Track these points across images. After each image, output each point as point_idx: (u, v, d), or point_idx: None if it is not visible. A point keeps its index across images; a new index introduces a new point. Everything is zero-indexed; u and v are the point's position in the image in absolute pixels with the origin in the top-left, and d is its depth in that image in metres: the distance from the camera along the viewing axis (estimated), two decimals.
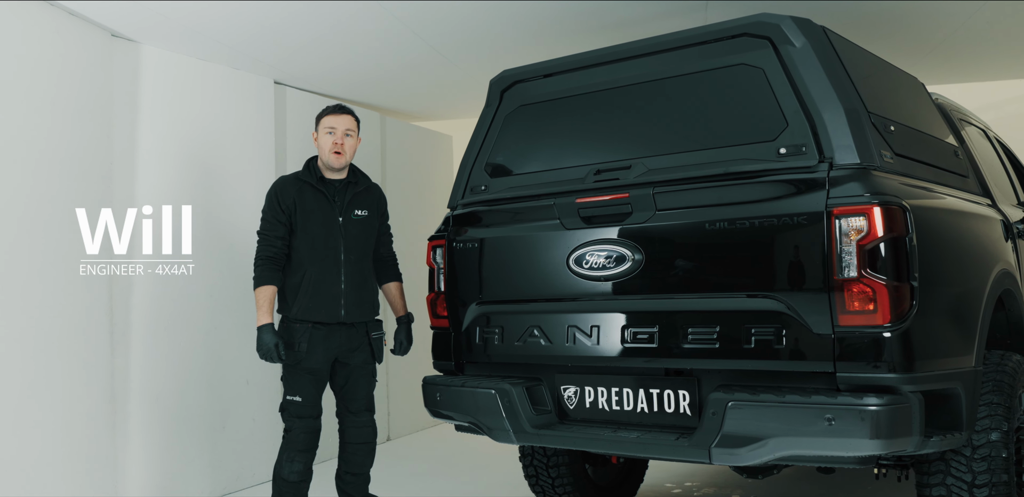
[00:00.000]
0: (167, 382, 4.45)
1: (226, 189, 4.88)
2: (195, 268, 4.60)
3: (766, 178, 2.75)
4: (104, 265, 4.17)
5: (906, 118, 3.12)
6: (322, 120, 3.74)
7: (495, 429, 3.18)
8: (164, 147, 4.55)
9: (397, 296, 3.97)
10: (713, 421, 2.67)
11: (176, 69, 4.67)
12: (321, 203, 3.72)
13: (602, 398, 3.05)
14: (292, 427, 3.62)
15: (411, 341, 3.94)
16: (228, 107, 4.99)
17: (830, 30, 2.92)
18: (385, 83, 5.91)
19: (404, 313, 3.95)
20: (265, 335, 3.56)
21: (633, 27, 4.64)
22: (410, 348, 3.94)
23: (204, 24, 4.30)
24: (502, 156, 3.48)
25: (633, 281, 2.95)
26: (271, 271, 3.65)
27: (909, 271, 2.55)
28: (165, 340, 4.46)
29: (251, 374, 4.86)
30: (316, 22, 4.42)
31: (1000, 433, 2.81)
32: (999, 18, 4.83)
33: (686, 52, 3.06)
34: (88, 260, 4.08)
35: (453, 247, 3.46)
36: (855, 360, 2.54)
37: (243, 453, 4.86)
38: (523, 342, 3.21)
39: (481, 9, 4.37)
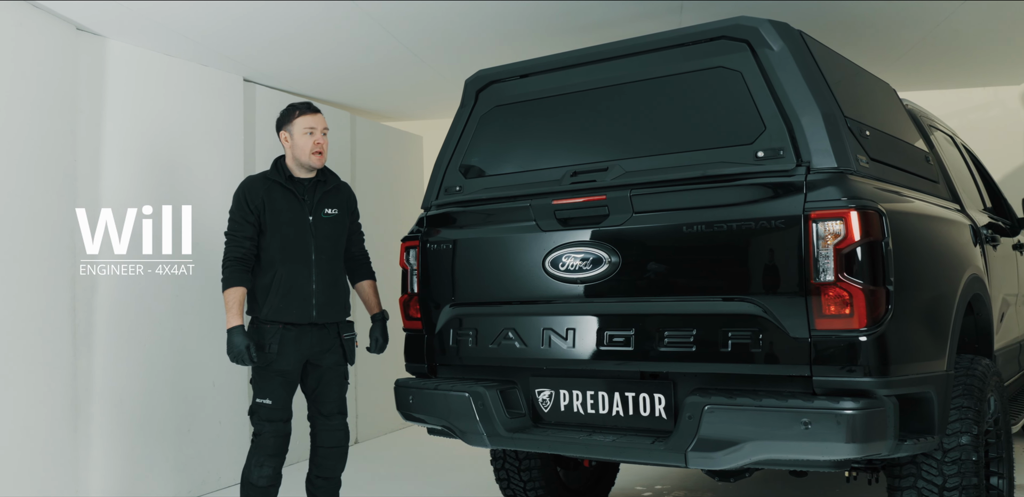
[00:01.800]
0: (131, 384, 4.36)
1: (193, 188, 4.79)
2: (160, 268, 4.52)
3: (744, 181, 2.75)
4: (68, 266, 4.07)
5: (880, 123, 3.14)
6: (298, 120, 3.66)
7: (468, 433, 3.15)
8: (130, 144, 4.46)
9: (371, 294, 3.92)
10: (689, 425, 2.66)
11: (143, 65, 4.58)
12: (290, 202, 3.66)
13: (577, 401, 3.03)
14: (262, 431, 3.55)
15: (387, 339, 3.88)
16: (196, 104, 4.90)
17: (807, 34, 2.93)
18: (356, 82, 5.85)
19: (379, 310, 3.89)
20: (236, 337, 3.49)
21: (607, 29, 4.63)
22: (386, 346, 3.88)
23: (172, 19, 4.21)
24: (477, 157, 3.45)
25: (609, 284, 2.93)
26: (240, 272, 3.59)
27: (885, 275, 2.56)
28: (129, 341, 4.37)
29: (218, 376, 4.78)
30: (287, 18, 4.35)
31: (970, 437, 2.83)
32: (965, 28, 4.91)
33: (664, 54, 3.05)
34: (51, 260, 3.98)
35: (427, 248, 3.42)
36: (831, 364, 2.54)
37: (209, 457, 4.78)
38: (497, 345, 3.18)
39: (455, 8, 4.33)
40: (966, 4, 4.44)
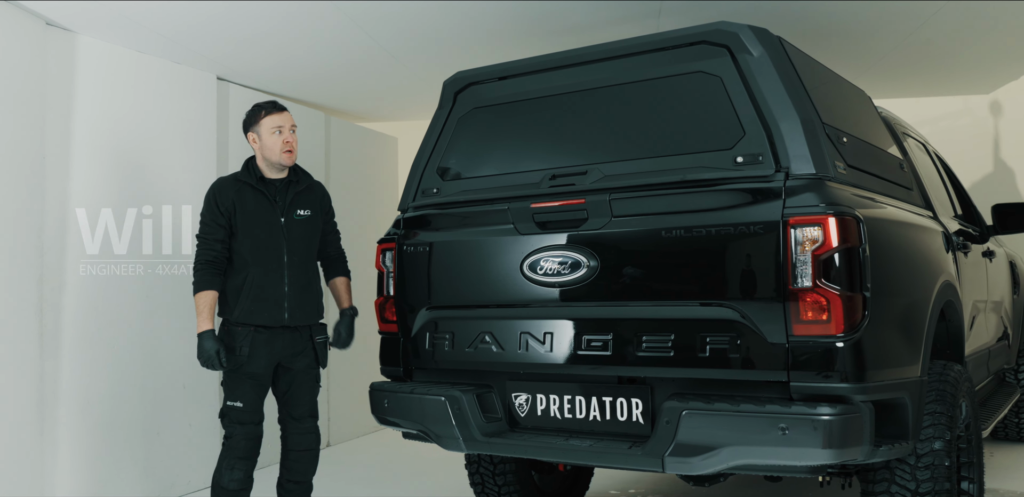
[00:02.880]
0: (99, 385, 4.28)
1: (164, 187, 4.72)
2: (132, 268, 4.45)
3: (723, 186, 2.75)
4: (35, 266, 3.99)
5: (856, 130, 3.16)
6: (264, 120, 3.62)
7: (444, 437, 3.12)
8: (99, 143, 4.39)
9: (343, 290, 3.86)
10: (667, 430, 2.66)
11: (114, 61, 4.51)
12: (262, 203, 3.62)
13: (554, 406, 3.02)
14: (232, 433, 3.51)
15: (351, 335, 3.80)
16: (168, 103, 4.83)
17: (786, 40, 2.95)
18: (332, 82, 5.80)
19: (349, 306, 3.84)
20: (206, 342, 3.45)
21: (586, 32, 4.63)
22: (351, 342, 3.81)
23: (145, 15, 4.15)
24: (455, 159, 3.42)
25: (588, 288, 2.92)
26: (211, 275, 3.54)
27: (862, 282, 2.57)
28: (98, 342, 4.29)
29: (188, 378, 4.71)
30: (262, 16, 4.30)
31: (943, 442, 2.86)
32: (937, 37, 4.96)
33: (644, 58, 3.05)
34: (17, 260, 3.90)
35: (403, 250, 3.39)
36: (808, 370, 2.55)
37: (179, 460, 4.71)
38: (474, 348, 3.15)
39: (433, 9, 4.31)
40: (940, 13, 4.49)
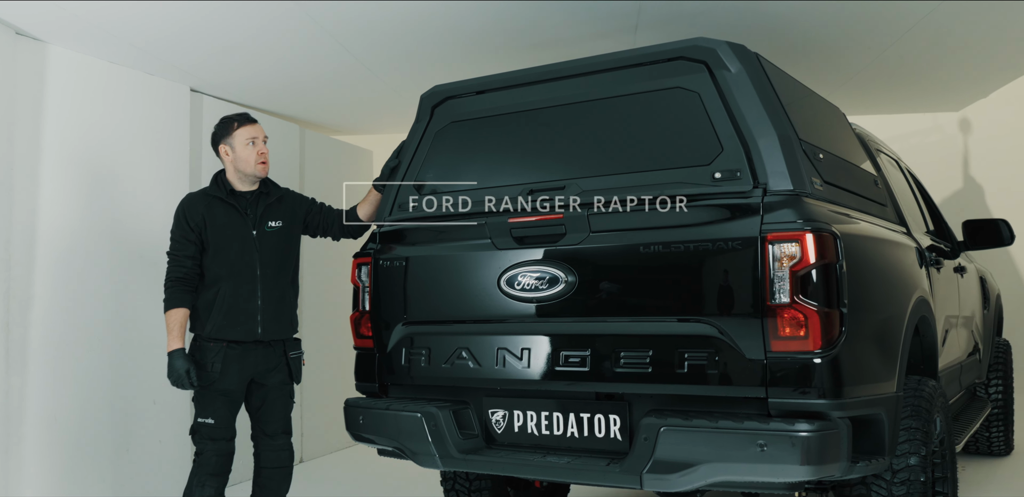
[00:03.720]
0: (67, 402, 4.19)
1: (135, 201, 4.66)
2: (101, 282, 4.37)
3: (701, 202, 2.75)
4: (1, 279, 3.91)
5: (832, 146, 3.19)
6: (238, 131, 3.59)
7: (420, 454, 3.09)
8: (69, 154, 4.32)
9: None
10: (645, 446, 2.65)
11: (86, 72, 4.45)
12: (232, 217, 3.58)
13: (531, 422, 3.00)
14: (204, 450, 3.45)
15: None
16: (140, 114, 4.77)
17: (763, 57, 2.96)
18: (306, 94, 5.77)
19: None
20: (176, 361, 3.39)
21: (562, 47, 4.65)
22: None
23: (118, 25, 4.10)
24: (432, 173, 3.41)
25: (565, 303, 2.91)
26: (182, 293, 3.49)
27: (839, 298, 2.58)
28: (66, 357, 4.20)
29: (159, 393, 4.63)
30: (237, 27, 4.27)
31: (919, 457, 2.87)
32: (909, 54, 5.03)
33: (622, 73, 3.05)
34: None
35: (379, 265, 3.36)
36: (786, 386, 2.55)
37: (148, 477, 4.62)
38: (450, 364, 3.13)
39: (409, 22, 4.30)
40: (912, 31, 4.55)
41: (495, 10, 4.14)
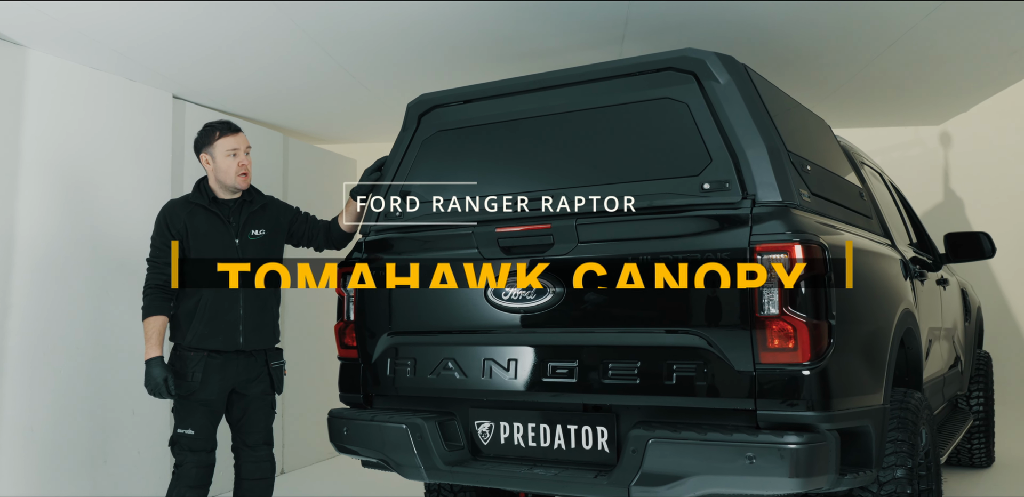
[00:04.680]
0: (43, 412, 4.11)
1: (115, 208, 4.60)
2: (80, 290, 4.30)
3: (690, 213, 2.74)
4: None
5: (819, 158, 3.19)
6: (219, 142, 3.55)
7: (405, 466, 3.05)
8: (49, 160, 4.26)
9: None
10: (633, 459, 2.62)
11: (66, 77, 4.39)
12: (215, 225, 3.54)
13: (518, 434, 2.97)
14: (183, 462, 3.39)
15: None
16: (121, 120, 4.72)
17: (751, 68, 2.97)
18: (290, 102, 5.73)
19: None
20: (154, 369, 3.34)
21: (548, 58, 4.65)
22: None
23: (100, 30, 4.05)
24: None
25: (553, 314, 2.88)
26: (161, 300, 3.44)
27: (828, 309, 2.57)
28: (43, 366, 4.13)
29: (138, 404, 4.55)
30: (220, 33, 4.23)
31: (905, 470, 2.86)
32: (892, 68, 5.07)
33: (611, 83, 3.04)
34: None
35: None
36: (775, 398, 2.54)
37: (126, 489, 4.53)
38: (436, 375, 3.09)
39: (395, 31, 4.28)
40: (896, 45, 4.59)
41: (481, 19, 4.13)
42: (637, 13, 4.08)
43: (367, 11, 3.99)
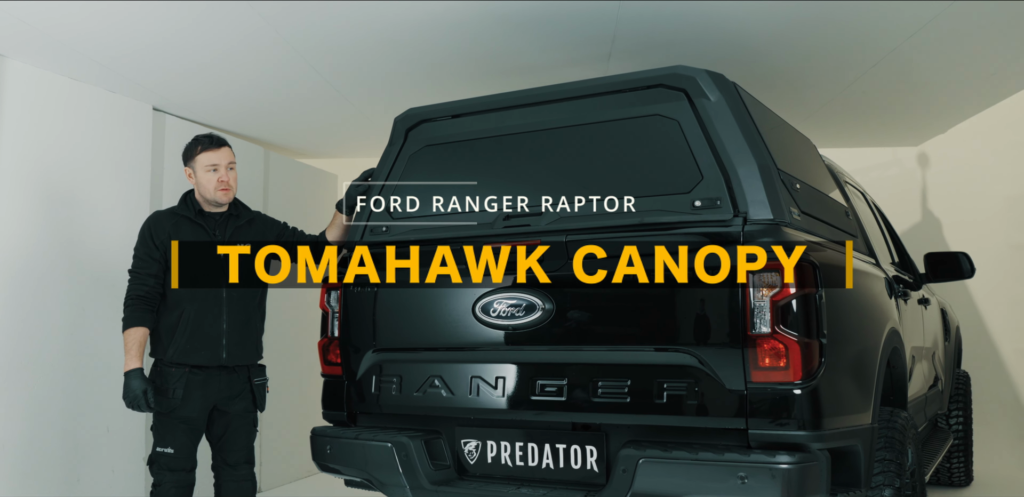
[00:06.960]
0: (14, 429, 4.01)
1: (94, 221, 4.52)
2: (56, 304, 4.22)
3: (681, 230, 2.73)
4: None
5: (807, 177, 3.20)
6: (200, 156, 3.50)
7: (390, 485, 3.00)
8: (26, 172, 4.19)
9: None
10: (623, 479, 2.59)
11: (45, 88, 4.33)
12: (200, 237, 3.49)
13: (505, 453, 2.92)
14: (162, 481, 3.32)
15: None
16: (101, 132, 4.66)
17: (740, 86, 2.98)
18: (273, 116, 5.69)
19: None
20: (133, 381, 3.27)
21: (534, 74, 4.64)
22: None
23: (80, 41, 3.99)
24: (405, 196, 3.34)
25: (542, 331, 2.85)
26: (142, 311, 3.38)
27: (819, 328, 2.57)
28: (15, 382, 4.03)
29: (113, 421, 4.46)
30: (203, 45, 4.18)
31: (892, 490, 2.86)
32: (873, 89, 5.12)
33: (601, 100, 3.03)
34: None
35: (349, 290, 3.28)
36: (766, 417, 2.52)
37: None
38: (422, 393, 3.05)
39: (381, 45, 4.26)
40: (878, 66, 4.63)
41: (467, 35, 4.13)
42: (624, 31, 4.09)
43: (353, 25, 3.97)
